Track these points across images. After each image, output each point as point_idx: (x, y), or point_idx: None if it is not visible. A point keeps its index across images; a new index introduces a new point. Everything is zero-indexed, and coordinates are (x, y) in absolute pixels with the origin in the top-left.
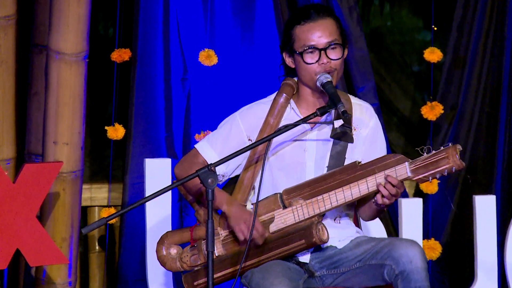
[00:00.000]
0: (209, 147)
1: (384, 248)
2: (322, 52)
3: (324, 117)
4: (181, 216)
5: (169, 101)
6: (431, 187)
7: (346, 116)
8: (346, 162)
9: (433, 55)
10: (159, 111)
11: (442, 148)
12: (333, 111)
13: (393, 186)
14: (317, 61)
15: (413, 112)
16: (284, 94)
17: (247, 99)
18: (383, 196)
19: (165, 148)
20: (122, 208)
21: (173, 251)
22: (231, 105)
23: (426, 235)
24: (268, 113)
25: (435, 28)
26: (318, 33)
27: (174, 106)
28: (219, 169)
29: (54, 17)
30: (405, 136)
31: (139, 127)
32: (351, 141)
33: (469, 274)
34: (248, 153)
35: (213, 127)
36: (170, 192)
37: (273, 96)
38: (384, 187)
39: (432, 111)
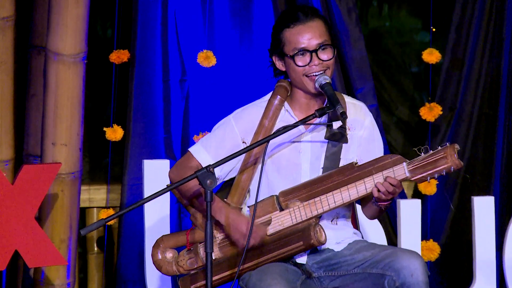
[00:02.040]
0: (204, 151)
1: (385, 258)
2: (313, 54)
3: (319, 118)
4: (180, 217)
5: (167, 102)
6: (430, 188)
7: (345, 118)
8: (341, 163)
9: (431, 56)
10: (158, 112)
11: (439, 147)
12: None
13: (391, 185)
14: (308, 64)
15: (411, 113)
16: (279, 96)
17: (246, 100)
18: (379, 190)
19: (163, 149)
20: (121, 209)
21: (169, 255)
22: (230, 106)
23: (424, 236)
24: (263, 115)
25: (434, 29)
26: (308, 35)
27: (172, 107)
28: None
29: (53, 18)
30: (404, 137)
31: (138, 128)
32: (346, 141)
33: (468, 275)
34: (242, 155)
35: (211, 128)
36: (168, 193)
37: (266, 97)
38: (382, 184)
39: (430, 112)
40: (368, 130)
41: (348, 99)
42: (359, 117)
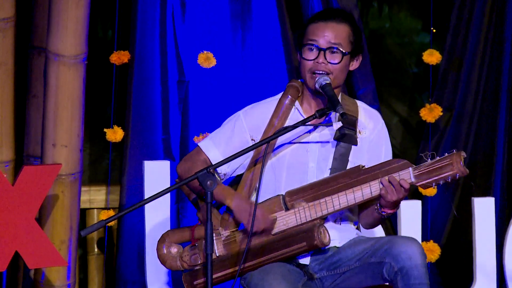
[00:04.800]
0: (213, 146)
1: (383, 245)
2: (321, 52)
3: (328, 118)
4: (178, 218)
5: (166, 103)
6: (430, 189)
7: (345, 118)
8: (349, 165)
9: (432, 57)
10: (156, 113)
11: (446, 154)
12: (336, 113)
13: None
14: (313, 59)
15: (411, 114)
16: (289, 96)
17: (246, 101)
18: (384, 194)
19: (162, 150)
20: (120, 210)
21: (174, 250)
22: (230, 107)
23: (425, 237)
24: (273, 114)
25: (434, 30)
26: (324, 33)
27: (171, 108)
28: (221, 169)
29: (53, 19)
30: (402, 138)
31: (137, 129)
32: (355, 143)
33: (468, 276)
34: (251, 153)
35: (211, 129)
36: (169, 194)
37: (278, 96)
38: (388, 181)
39: (431, 113)
40: (378, 135)
41: (361, 104)
42: (371, 122)
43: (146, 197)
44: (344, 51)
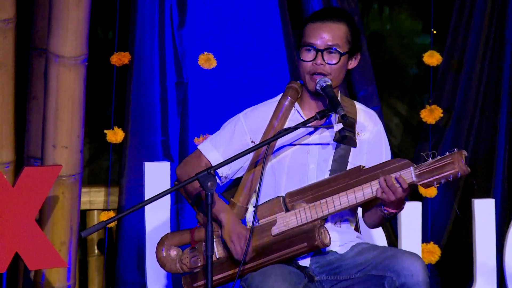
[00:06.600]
0: (213, 149)
1: (386, 259)
2: (319, 53)
3: (328, 120)
4: (178, 218)
5: (165, 105)
6: (430, 191)
7: (346, 120)
8: (349, 167)
9: (432, 58)
10: (156, 114)
11: (447, 153)
12: (336, 115)
13: (388, 185)
14: (311, 61)
15: (412, 115)
16: (289, 97)
17: (247, 102)
18: (381, 194)
19: (161, 151)
20: (119, 211)
21: (173, 252)
22: (230, 109)
23: (425, 239)
24: (272, 116)
25: (435, 32)
26: (322, 34)
27: (170, 110)
28: (222, 171)
29: (54, 20)
30: (402, 138)
31: (136, 130)
32: (354, 145)
33: (468, 278)
34: (251, 155)
35: (211, 131)
36: (169, 195)
37: (278, 97)
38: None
39: (431, 114)
40: (376, 136)
41: (359, 106)
42: (369, 123)
43: (146, 198)
44: (341, 51)
